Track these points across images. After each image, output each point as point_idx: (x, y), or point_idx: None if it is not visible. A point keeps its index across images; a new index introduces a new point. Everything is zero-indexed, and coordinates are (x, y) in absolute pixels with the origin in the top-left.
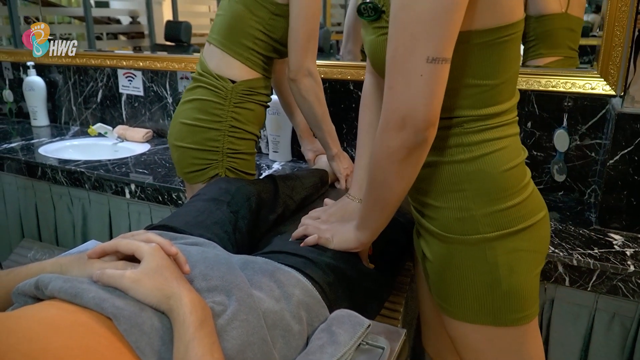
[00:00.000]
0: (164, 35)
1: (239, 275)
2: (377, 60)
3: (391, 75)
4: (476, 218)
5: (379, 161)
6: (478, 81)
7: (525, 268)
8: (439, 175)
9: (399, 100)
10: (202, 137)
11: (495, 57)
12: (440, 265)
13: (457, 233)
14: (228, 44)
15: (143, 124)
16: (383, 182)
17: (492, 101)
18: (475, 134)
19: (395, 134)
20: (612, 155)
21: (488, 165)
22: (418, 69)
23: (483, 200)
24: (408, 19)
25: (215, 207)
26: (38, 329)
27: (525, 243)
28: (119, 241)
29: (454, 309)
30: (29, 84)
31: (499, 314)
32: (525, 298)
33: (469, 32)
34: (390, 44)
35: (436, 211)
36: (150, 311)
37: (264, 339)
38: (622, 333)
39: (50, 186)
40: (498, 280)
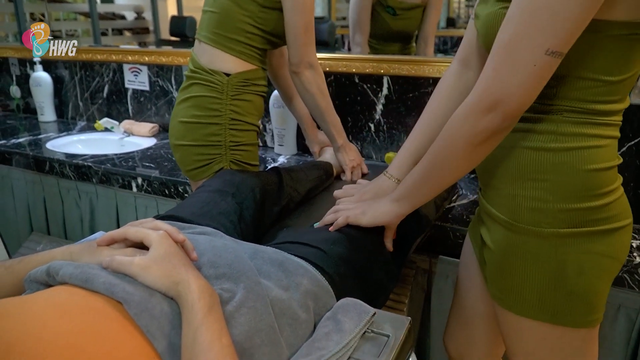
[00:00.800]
0: (168, 31)
1: (247, 264)
2: (491, 35)
3: (499, 57)
4: (552, 211)
5: (454, 140)
6: (596, 75)
7: (596, 272)
8: (519, 160)
9: (499, 84)
10: (203, 133)
11: (623, 53)
12: (502, 254)
13: (527, 223)
14: (219, 40)
15: (149, 119)
16: (448, 162)
17: (604, 99)
18: (574, 125)
19: (482, 116)
20: (619, 147)
21: (579, 160)
22: (533, 59)
23: (564, 195)
24: (536, 6)
25: (220, 198)
26: (50, 314)
27: (602, 247)
28: (127, 229)
29: (512, 301)
30: (36, 79)
31: (559, 314)
32: (590, 302)
33: (605, 22)
34: (508, 25)
35: (507, 197)
36: (160, 296)
37: (272, 326)
38: (628, 325)
39: (58, 180)
40: (564, 278)
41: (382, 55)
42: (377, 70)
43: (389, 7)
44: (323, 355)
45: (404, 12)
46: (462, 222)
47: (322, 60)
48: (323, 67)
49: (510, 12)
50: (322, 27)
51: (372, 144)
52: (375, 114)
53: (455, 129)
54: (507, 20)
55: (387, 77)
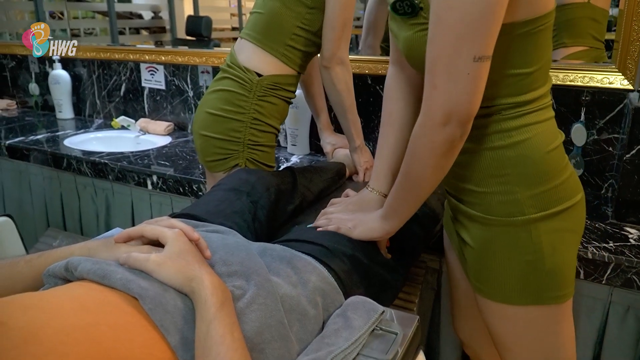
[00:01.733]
0: (185, 30)
1: (257, 262)
2: (414, 56)
3: (436, 74)
4: (521, 200)
5: (420, 155)
6: (516, 70)
7: (566, 247)
8: (480, 162)
9: (444, 98)
10: (225, 127)
11: (531, 46)
12: (482, 249)
13: (501, 215)
14: (265, 41)
15: (165, 117)
16: (420, 175)
17: (528, 88)
18: (514, 120)
19: (440, 129)
20: (629, 149)
21: (529, 149)
22: (465, 69)
23: (527, 183)
24: (453, 20)
25: (235, 197)
26: (69, 307)
27: (567, 223)
28: (144, 227)
29: (496, 291)
30: (55, 77)
31: (541, 293)
32: (565, 276)
33: (510, 24)
34: (433, 44)
35: (478, 196)
36: (174, 292)
37: (282, 321)
38: (636, 326)
39: (75, 177)
40: (542, 259)
41: None
42: None
43: None
44: (332, 351)
45: None
46: None
47: None
48: None
49: (431, 33)
50: None
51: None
52: None
53: (418, 146)
54: (431, 40)
55: None
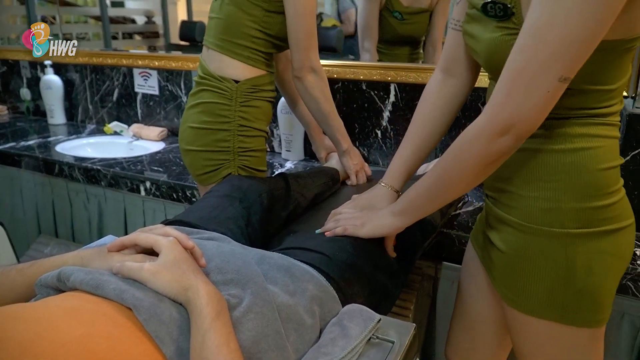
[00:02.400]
0: (178, 35)
1: (254, 270)
2: (495, 59)
3: (513, 84)
4: (563, 211)
5: (466, 159)
6: (598, 87)
7: (604, 271)
8: (532, 163)
9: (513, 109)
10: (212, 138)
11: (619, 65)
12: (515, 255)
13: (539, 224)
14: (226, 46)
15: (158, 123)
16: (458, 178)
17: (605, 104)
18: (580, 126)
19: (497, 138)
20: (624, 155)
21: (588, 160)
22: (547, 86)
23: (575, 195)
24: (552, 37)
25: (228, 203)
26: (61, 318)
27: (609, 246)
28: (137, 235)
29: (522, 300)
30: (47, 82)
31: (568, 312)
32: (598, 302)
33: (607, 42)
34: (521, 54)
35: (518, 200)
36: (169, 302)
37: (278, 331)
38: (632, 332)
39: (67, 183)
40: (573, 277)
41: (389, 62)
42: (384, 78)
43: (395, 11)
44: None
45: (410, 16)
46: (468, 229)
47: (329, 67)
48: (330, 74)
49: (523, 41)
50: (331, 33)
51: (379, 150)
52: (382, 121)
53: (466, 150)
54: (520, 49)
55: (394, 84)
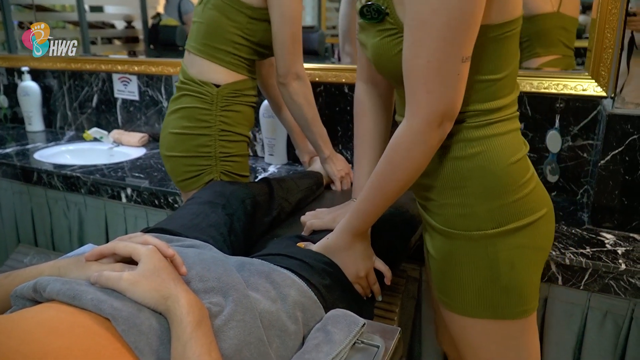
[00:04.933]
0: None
1: (235, 277)
2: (383, 63)
3: (428, 79)
4: (478, 214)
5: (413, 158)
6: (485, 76)
7: (526, 264)
8: (442, 172)
9: (439, 101)
10: (193, 144)
11: (499, 52)
12: (443, 260)
13: (459, 229)
14: (208, 51)
15: (139, 129)
16: (405, 177)
17: (494, 96)
18: (477, 129)
19: (436, 130)
20: (604, 155)
21: (489, 162)
22: (455, 70)
23: (484, 197)
24: (440, 23)
25: (210, 210)
26: (38, 331)
27: (527, 240)
28: (116, 244)
29: (455, 303)
30: (24, 89)
31: (497, 308)
32: (524, 293)
33: (484, 26)
34: (421, 49)
35: (439, 207)
36: (148, 312)
37: (261, 338)
38: (615, 331)
39: (45, 191)
40: (498, 275)
41: None
42: None
43: None
44: None
45: None
46: None
47: (311, 71)
48: (313, 77)
49: (415, 38)
50: (312, 36)
51: None
52: None
53: (410, 149)
54: (415, 45)
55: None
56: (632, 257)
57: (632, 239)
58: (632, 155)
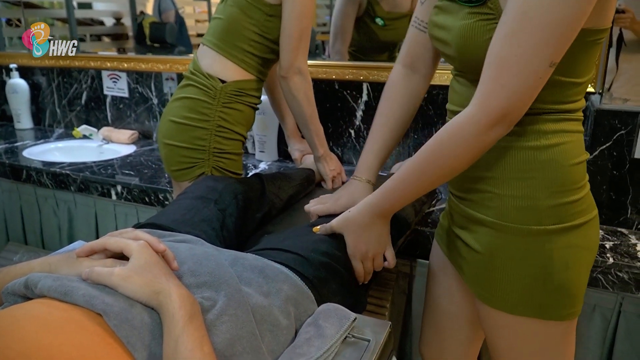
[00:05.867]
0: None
1: (227, 271)
2: (468, 46)
3: (505, 72)
4: (540, 208)
5: (456, 152)
6: (569, 79)
7: (579, 265)
8: (508, 161)
9: (509, 97)
10: (190, 135)
11: (588, 57)
12: (490, 255)
13: (515, 222)
14: (223, 46)
15: (129, 126)
16: (448, 169)
17: (574, 98)
18: (553, 123)
19: (493, 127)
20: (592, 150)
21: (561, 156)
22: (539, 72)
23: (550, 191)
24: (541, 22)
25: (202, 205)
26: (29, 327)
27: (582, 239)
28: (107, 239)
29: (499, 299)
30: (12, 86)
31: (546, 307)
32: (573, 295)
33: (586, 30)
34: (510, 39)
35: (493, 199)
36: (140, 307)
37: (253, 333)
38: (603, 324)
39: (35, 189)
40: (551, 274)
41: (360, 62)
42: (356, 77)
43: (378, 17)
44: None
45: (392, 22)
46: None
47: None
48: None
49: (509, 27)
50: None
51: (353, 149)
52: (356, 120)
53: (458, 141)
54: (508, 35)
55: (367, 83)
56: (619, 252)
57: (620, 234)
58: (619, 151)
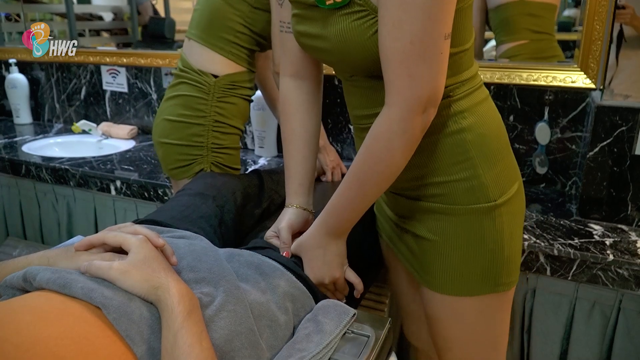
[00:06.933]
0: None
1: (226, 268)
2: (352, 48)
3: (411, 62)
4: (485, 184)
5: (394, 149)
6: (456, 48)
7: (518, 230)
8: (442, 150)
9: (423, 85)
10: (186, 132)
11: (464, 23)
12: (444, 240)
13: (466, 203)
14: (209, 39)
15: (128, 121)
16: (388, 170)
17: (466, 66)
18: (464, 100)
19: (419, 117)
20: (592, 147)
21: (485, 127)
22: (439, 48)
23: (488, 163)
24: (422, 1)
25: (201, 202)
26: (28, 320)
27: (517, 205)
28: (106, 234)
29: (453, 284)
30: (11, 81)
31: (498, 280)
32: (517, 261)
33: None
34: (402, 30)
35: (441, 187)
36: (139, 301)
37: (251, 328)
38: (602, 321)
39: (34, 184)
40: (502, 246)
41: None
42: None
43: None
44: (304, 356)
45: None
46: None
47: None
48: None
49: (395, 18)
50: None
51: (352, 145)
52: None
53: (391, 140)
54: (397, 25)
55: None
56: (619, 248)
57: (620, 230)
58: (620, 147)
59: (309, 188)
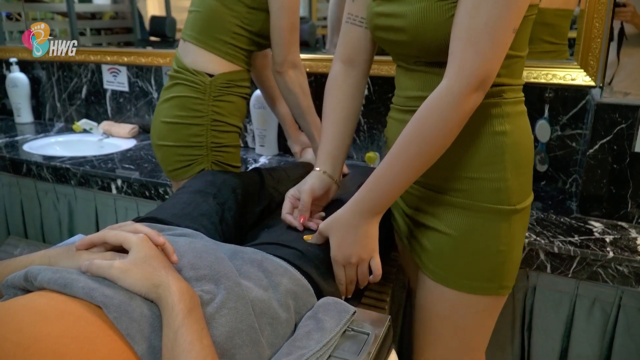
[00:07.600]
0: (148, 31)
1: (227, 265)
2: (428, 28)
3: (480, 39)
4: (512, 189)
5: (443, 126)
6: (515, 52)
7: (521, 243)
8: (480, 147)
9: (484, 64)
10: (185, 133)
11: (526, 31)
12: (461, 236)
13: (491, 202)
14: (205, 40)
15: (129, 120)
16: (435, 147)
17: (518, 73)
18: (512, 105)
19: (472, 95)
20: (592, 144)
21: (522, 137)
22: (506, 38)
23: (518, 171)
24: None
25: (201, 199)
26: (29, 319)
27: (527, 217)
28: (106, 232)
29: (464, 280)
30: (12, 80)
31: (503, 283)
32: (517, 269)
33: None
34: (480, 11)
35: (469, 182)
36: (140, 300)
37: (252, 326)
38: (603, 318)
39: (35, 183)
40: (512, 250)
41: None
42: None
43: None
44: (304, 354)
45: None
46: None
47: (303, 61)
48: None
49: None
50: (303, 27)
51: (353, 143)
52: None
53: (442, 113)
54: (476, 7)
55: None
56: (619, 245)
57: (620, 227)
58: (620, 144)
59: (338, 158)
